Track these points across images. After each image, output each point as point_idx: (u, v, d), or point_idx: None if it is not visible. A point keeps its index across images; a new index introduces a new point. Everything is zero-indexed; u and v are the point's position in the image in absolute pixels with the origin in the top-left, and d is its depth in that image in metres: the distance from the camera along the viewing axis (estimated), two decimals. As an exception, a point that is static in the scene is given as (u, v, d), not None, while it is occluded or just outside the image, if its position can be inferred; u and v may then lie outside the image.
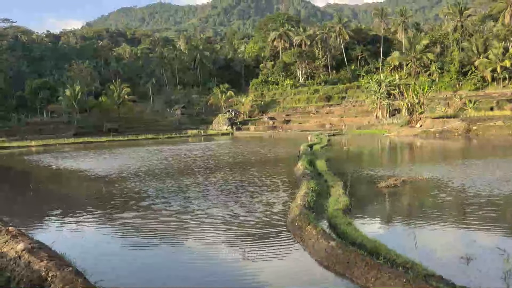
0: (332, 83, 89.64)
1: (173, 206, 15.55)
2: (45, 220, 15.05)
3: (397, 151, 38.92)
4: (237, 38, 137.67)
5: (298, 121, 77.74)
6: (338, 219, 11.68)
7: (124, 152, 41.69)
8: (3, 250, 7.72)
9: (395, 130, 53.75)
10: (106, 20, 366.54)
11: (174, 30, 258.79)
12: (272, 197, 16.55)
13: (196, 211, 14.65)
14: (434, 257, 9.53)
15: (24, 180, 27.23)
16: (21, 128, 71.67)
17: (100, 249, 11.23)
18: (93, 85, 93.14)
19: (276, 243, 11.10)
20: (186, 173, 24.42)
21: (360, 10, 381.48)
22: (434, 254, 9.87)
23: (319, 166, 22.69)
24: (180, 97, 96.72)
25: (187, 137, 68.52)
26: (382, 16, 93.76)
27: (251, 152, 38.08)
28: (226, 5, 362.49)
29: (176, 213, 14.49)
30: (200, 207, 15.14)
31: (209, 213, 14.31)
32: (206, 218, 13.70)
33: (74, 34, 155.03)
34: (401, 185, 17.64)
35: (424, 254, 9.34)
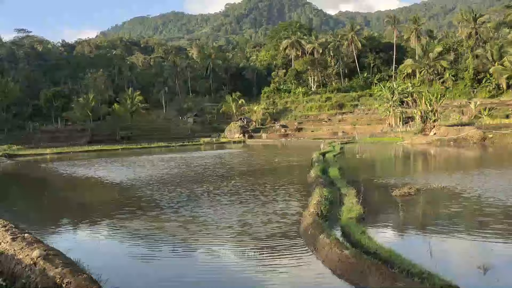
0: (344, 91, 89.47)
1: (184, 215, 15.52)
2: (59, 227, 15.16)
3: (410, 159, 38.55)
4: (249, 47, 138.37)
5: (310, 129, 77.58)
6: (351, 227, 11.57)
7: (137, 160, 41.94)
8: (19, 257, 7.78)
9: (408, 138, 53.32)
10: (120, 29, 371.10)
11: (186, 39, 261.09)
12: (284, 205, 16.47)
13: (207, 220, 14.59)
14: (450, 267, 9.38)
15: (39, 188, 27.54)
16: (36, 136, 72.68)
17: (113, 257, 11.27)
18: (106, 93, 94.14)
19: (288, 251, 11.02)
20: (198, 181, 24.42)
21: (372, 18, 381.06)
22: (450, 264, 9.72)
23: (332, 174, 22.57)
24: (192, 105, 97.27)
25: (199, 145, 68.73)
26: (395, 23, 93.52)
27: (263, 160, 38.04)
28: (238, 13, 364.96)
29: (187, 222, 14.44)
30: (211, 216, 15.10)
31: (220, 222, 14.28)
32: (217, 227, 13.65)
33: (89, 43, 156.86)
34: (416, 194, 17.43)
35: (440, 264, 9.19)
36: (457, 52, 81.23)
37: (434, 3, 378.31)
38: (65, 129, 79.06)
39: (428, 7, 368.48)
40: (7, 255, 8.20)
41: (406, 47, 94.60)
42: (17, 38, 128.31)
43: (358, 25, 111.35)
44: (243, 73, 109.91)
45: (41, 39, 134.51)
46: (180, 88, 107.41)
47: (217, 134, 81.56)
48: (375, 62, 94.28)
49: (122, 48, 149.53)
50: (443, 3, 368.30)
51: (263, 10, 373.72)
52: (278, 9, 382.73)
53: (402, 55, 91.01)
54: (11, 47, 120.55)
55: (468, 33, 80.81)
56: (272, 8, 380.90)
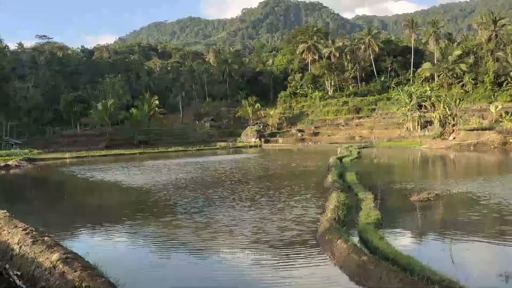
0: (361, 95, 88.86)
1: (199, 220, 15.46)
2: (78, 231, 15.34)
3: (429, 164, 38.03)
4: (265, 51, 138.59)
5: (327, 134, 77.24)
6: (369, 233, 11.43)
7: (154, 164, 42.27)
8: (39, 260, 7.88)
9: (427, 143, 52.63)
10: (138, 34, 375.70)
11: (203, 44, 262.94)
12: (301, 210, 16.37)
13: (222, 226, 14.56)
14: (471, 274, 9.19)
15: (58, 191, 27.96)
16: (56, 140, 73.93)
17: (130, 260, 11.34)
18: (124, 98, 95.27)
19: (305, 257, 10.93)
20: (214, 186, 24.46)
21: (390, 22, 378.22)
22: (471, 271, 9.51)
23: (349, 179, 22.39)
24: (209, 109, 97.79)
25: (216, 150, 68.98)
26: (413, 27, 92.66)
27: (280, 165, 37.96)
28: (255, 18, 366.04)
29: (202, 228, 14.38)
30: (226, 222, 15.10)
31: (237, 226, 14.26)
32: (234, 231, 13.63)
33: (107, 48, 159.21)
34: (435, 199, 17.14)
35: (460, 271, 9.01)
36: (476, 55, 79.94)
37: (453, 6, 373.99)
38: (83, 134, 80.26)
39: (446, 10, 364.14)
40: (27, 258, 8.32)
41: (424, 51, 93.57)
42: (38, 44, 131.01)
43: (375, 28, 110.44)
44: (260, 78, 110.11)
45: (61, 45, 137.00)
46: (197, 92, 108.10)
47: (234, 138, 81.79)
48: (392, 66, 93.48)
49: (139, 53, 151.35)
50: (462, 6, 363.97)
51: (280, 14, 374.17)
52: (294, 13, 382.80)
53: (420, 58, 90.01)
54: (32, 53, 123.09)
55: (488, 36, 79.51)
56: (288, 12, 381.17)
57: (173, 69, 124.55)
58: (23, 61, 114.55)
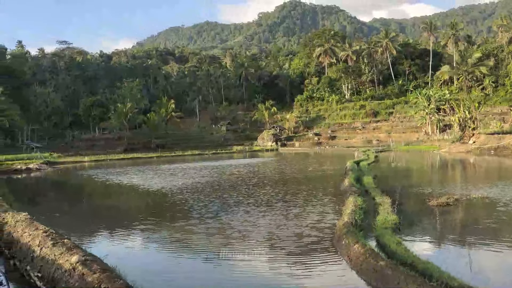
0: (378, 98, 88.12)
1: (215, 226, 15.45)
2: (96, 233, 15.56)
3: (448, 168, 37.49)
4: (282, 55, 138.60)
5: (343, 137, 76.76)
6: (386, 237, 11.33)
7: (171, 168, 42.57)
8: (59, 262, 8.03)
9: (446, 146, 51.88)
10: (155, 39, 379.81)
11: (220, 48, 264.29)
12: (317, 214, 16.31)
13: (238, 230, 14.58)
14: (490, 281, 9.03)
15: (77, 194, 28.39)
16: (75, 144, 75.08)
17: (148, 264, 11.44)
18: (142, 102, 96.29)
19: (321, 261, 10.89)
20: (230, 190, 24.49)
21: (408, 24, 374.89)
22: (489, 278, 9.35)
23: (366, 183, 22.22)
24: (225, 113, 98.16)
25: (232, 153, 69.15)
26: (431, 29, 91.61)
27: (296, 169, 37.84)
28: (271, 22, 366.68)
29: (218, 233, 14.36)
30: (243, 226, 15.11)
31: (252, 231, 14.27)
32: (249, 236, 13.62)
33: (126, 53, 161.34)
34: (454, 204, 16.89)
35: (479, 278, 8.87)
36: (497, 58, 78.63)
37: (472, 8, 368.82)
38: (102, 138, 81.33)
39: (466, 12, 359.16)
40: (48, 260, 8.48)
41: (443, 53, 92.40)
42: (58, 49, 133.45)
43: (393, 31, 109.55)
44: (276, 81, 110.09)
45: (81, 50, 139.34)
46: (213, 96, 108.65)
47: (250, 142, 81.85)
48: (410, 69, 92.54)
49: (157, 58, 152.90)
50: (481, 8, 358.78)
51: (296, 18, 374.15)
52: (311, 17, 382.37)
53: (438, 61, 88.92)
54: (52, 58, 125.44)
55: (508, 38, 78.15)
56: (305, 16, 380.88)
57: (190, 73, 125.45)
58: (43, 66, 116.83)
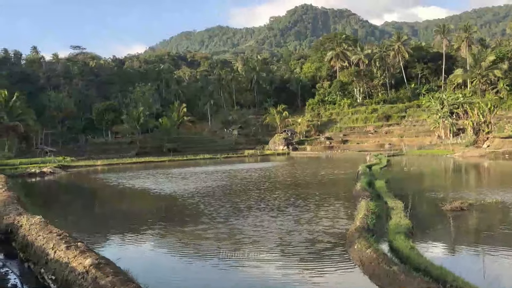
0: (391, 102, 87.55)
1: (225, 231, 15.33)
2: (109, 236, 15.67)
3: (462, 173, 37.07)
4: (293, 59, 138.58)
5: (355, 141, 76.37)
6: (399, 242, 11.22)
7: (183, 171, 42.71)
8: (72, 265, 8.10)
9: (459, 151, 51.32)
10: (167, 44, 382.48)
11: (231, 52, 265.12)
12: (329, 218, 16.23)
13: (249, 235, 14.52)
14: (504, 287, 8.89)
15: (90, 197, 28.63)
16: (88, 148, 75.79)
17: (161, 267, 11.49)
18: (154, 106, 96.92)
19: (333, 266, 10.83)
20: (242, 195, 24.46)
21: (420, 28, 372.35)
22: (504, 284, 9.20)
23: (378, 187, 22.05)
24: (237, 117, 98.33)
25: (243, 157, 69.21)
26: (444, 32, 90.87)
27: (308, 173, 37.72)
28: (283, 26, 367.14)
29: (229, 237, 14.30)
30: (254, 231, 15.08)
31: (263, 235, 14.24)
32: (260, 241, 13.58)
33: (138, 58, 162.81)
34: (468, 208, 16.69)
35: (493, 284, 8.74)
36: (511, 61, 77.63)
37: (485, 11, 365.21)
38: (115, 142, 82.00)
39: (479, 15, 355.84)
40: (62, 262, 8.56)
41: (456, 57, 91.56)
42: (72, 54, 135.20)
43: (405, 35, 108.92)
44: (287, 85, 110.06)
45: (94, 55, 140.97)
46: (225, 100, 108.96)
47: (261, 146, 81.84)
48: (423, 73, 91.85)
49: (169, 62, 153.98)
50: (495, 11, 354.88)
51: (307, 22, 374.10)
52: (322, 20, 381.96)
53: (452, 65, 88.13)
54: (66, 63, 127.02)
55: (523, 40, 77.19)
56: (316, 20, 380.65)
57: (202, 77, 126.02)
58: (57, 71, 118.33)
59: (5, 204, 16.48)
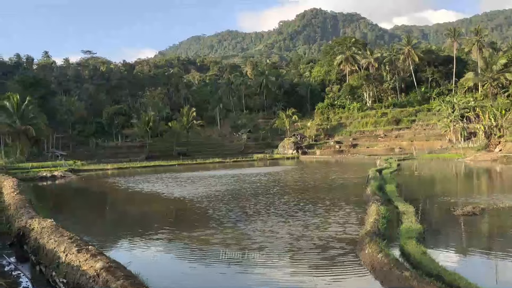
0: (401, 106, 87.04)
1: (234, 236, 15.22)
2: (119, 240, 15.72)
3: (473, 177, 36.67)
4: (302, 63, 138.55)
5: (365, 145, 76.00)
6: (411, 247, 11.12)
7: (192, 175, 42.80)
8: (84, 268, 8.14)
9: (471, 155, 50.82)
10: (177, 48, 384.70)
11: (241, 57, 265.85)
12: (339, 223, 16.14)
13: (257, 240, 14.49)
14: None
15: (101, 201, 28.79)
16: (99, 152, 76.29)
17: (171, 271, 11.50)
18: (164, 110, 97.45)
19: (344, 270, 10.75)
20: (251, 199, 24.43)
21: (431, 31, 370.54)
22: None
23: (389, 191, 21.91)
24: (246, 121, 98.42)
25: (252, 161, 69.19)
26: (455, 36, 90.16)
27: (318, 177, 37.60)
28: (292, 30, 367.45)
29: (237, 243, 14.20)
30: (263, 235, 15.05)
31: (274, 240, 14.19)
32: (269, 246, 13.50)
33: (148, 62, 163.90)
34: (480, 213, 16.50)
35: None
36: (523, 64, 76.77)
37: (497, 14, 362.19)
38: (124, 145, 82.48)
39: (490, 18, 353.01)
40: (73, 266, 8.60)
41: (467, 60, 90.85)
42: (83, 59, 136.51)
43: (415, 38, 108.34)
44: (297, 89, 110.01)
45: (104, 60, 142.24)
46: (234, 104, 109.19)
47: (271, 150, 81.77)
48: (433, 76, 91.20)
49: (179, 66, 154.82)
50: (507, 14, 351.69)
51: (317, 26, 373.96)
52: (332, 24, 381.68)
53: (462, 68, 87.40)
54: (77, 68, 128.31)
55: (535, 43, 76.33)
56: (325, 24, 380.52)
57: (211, 81, 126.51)
58: (68, 76, 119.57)
59: (17, 208, 16.63)
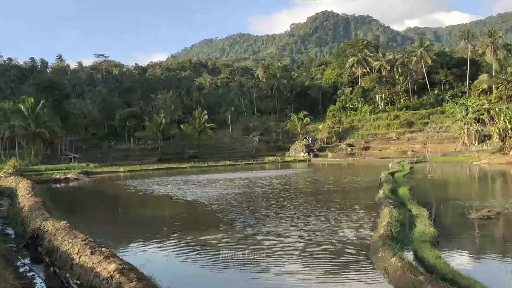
0: (413, 108, 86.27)
1: (244, 240, 15.04)
2: (132, 242, 15.79)
3: (488, 180, 36.19)
4: (314, 65, 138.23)
5: (377, 148, 75.49)
6: (425, 251, 11.00)
7: (204, 178, 42.88)
8: (97, 270, 8.19)
9: (485, 158, 50.16)
10: (189, 51, 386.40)
11: (252, 59, 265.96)
12: (352, 226, 16.04)
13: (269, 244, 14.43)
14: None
15: (113, 203, 28.99)
16: (111, 154, 76.87)
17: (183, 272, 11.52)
18: (176, 113, 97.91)
19: (357, 274, 10.66)
20: (262, 203, 24.36)
21: (444, 33, 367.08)
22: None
23: (402, 194, 21.71)
24: (257, 124, 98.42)
25: (264, 164, 69.14)
26: (469, 38, 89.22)
27: (330, 180, 37.43)
28: (304, 33, 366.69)
29: (248, 247, 14.05)
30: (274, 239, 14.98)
31: (288, 242, 14.14)
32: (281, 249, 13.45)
33: (160, 65, 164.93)
34: (495, 217, 16.25)
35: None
36: (539, 66, 75.69)
37: (511, 15, 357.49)
38: (137, 148, 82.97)
39: (504, 20, 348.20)
40: (87, 267, 8.66)
41: (481, 62, 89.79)
42: (96, 63, 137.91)
43: (427, 40, 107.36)
44: (308, 92, 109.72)
45: (117, 63, 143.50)
46: (245, 107, 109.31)
47: (282, 152, 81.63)
48: (447, 78, 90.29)
49: (191, 69, 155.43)
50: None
51: (328, 28, 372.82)
52: (343, 27, 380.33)
53: (476, 70, 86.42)
54: (90, 71, 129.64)
55: (550, 45, 75.24)
56: (337, 26, 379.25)
57: (223, 84, 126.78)
58: (81, 79, 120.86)
59: (31, 209, 16.82)
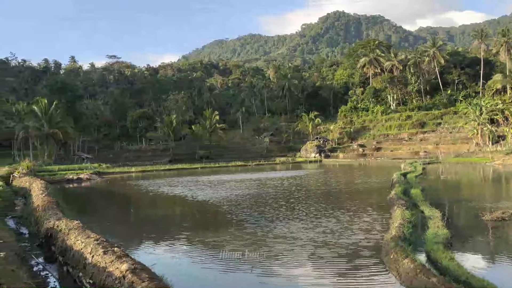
0: (426, 108, 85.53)
1: (255, 242, 15.09)
2: (144, 242, 15.89)
3: (502, 182, 35.71)
4: (325, 66, 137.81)
5: (389, 149, 74.97)
6: (438, 253, 10.89)
7: (215, 179, 42.95)
8: (109, 270, 8.25)
9: (499, 159, 49.53)
10: (200, 52, 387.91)
11: (263, 60, 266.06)
12: (364, 227, 15.95)
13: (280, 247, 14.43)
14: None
15: (125, 203, 29.19)
16: (123, 155, 77.46)
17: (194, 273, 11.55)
18: (187, 114, 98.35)
19: (369, 275, 10.60)
20: (273, 204, 24.31)
21: (457, 33, 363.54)
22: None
23: (414, 195, 21.53)
24: (268, 124, 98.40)
25: (275, 165, 69.07)
26: (482, 37, 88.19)
27: (341, 181, 37.25)
28: (315, 33, 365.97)
29: (258, 249, 14.08)
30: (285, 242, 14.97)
31: (298, 244, 14.11)
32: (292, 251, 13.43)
33: (171, 66, 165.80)
34: (510, 219, 16.04)
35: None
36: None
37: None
38: (148, 149, 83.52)
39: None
40: (99, 267, 8.73)
41: (494, 62, 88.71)
42: (108, 64, 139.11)
43: (440, 40, 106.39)
44: (319, 92, 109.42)
45: (129, 64, 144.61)
46: (256, 108, 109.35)
47: (293, 153, 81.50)
48: (460, 78, 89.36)
49: (202, 70, 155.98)
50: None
51: (340, 29, 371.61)
52: (355, 27, 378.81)
53: (490, 70, 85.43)
54: (102, 72, 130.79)
55: None
56: (349, 26, 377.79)
57: (234, 85, 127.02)
58: (94, 80, 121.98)
59: (45, 209, 17.01)
